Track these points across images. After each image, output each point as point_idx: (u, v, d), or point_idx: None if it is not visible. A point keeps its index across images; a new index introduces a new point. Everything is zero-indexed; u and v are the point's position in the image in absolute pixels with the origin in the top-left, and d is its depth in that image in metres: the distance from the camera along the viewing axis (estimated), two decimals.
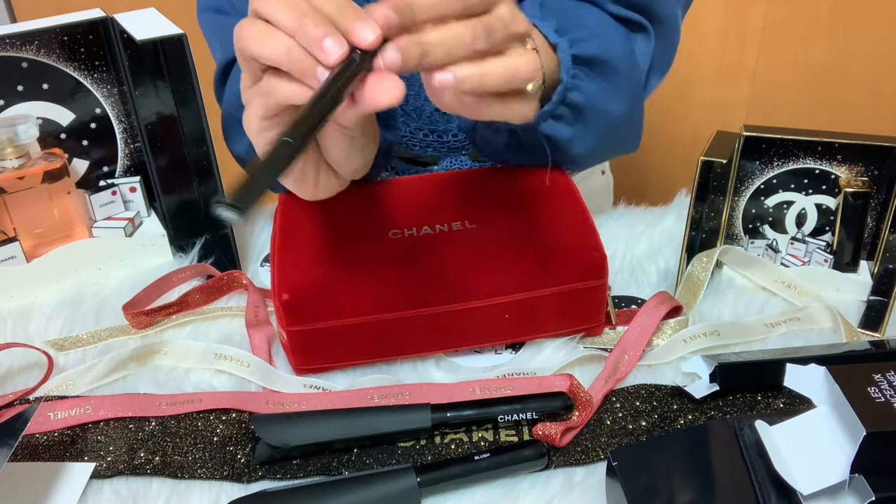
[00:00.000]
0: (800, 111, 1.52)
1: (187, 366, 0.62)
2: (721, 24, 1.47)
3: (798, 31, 1.46)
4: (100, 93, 0.72)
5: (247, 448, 0.54)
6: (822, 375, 0.43)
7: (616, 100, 0.62)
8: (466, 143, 0.77)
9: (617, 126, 0.64)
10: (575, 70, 0.58)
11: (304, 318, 0.58)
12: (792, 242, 0.70)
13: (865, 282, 0.67)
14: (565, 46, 0.58)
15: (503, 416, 0.54)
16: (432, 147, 0.77)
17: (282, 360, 0.62)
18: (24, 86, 0.69)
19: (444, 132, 0.76)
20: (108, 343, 0.65)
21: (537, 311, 0.60)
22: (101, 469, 0.53)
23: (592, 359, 0.61)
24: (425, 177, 0.70)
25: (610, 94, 0.61)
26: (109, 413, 0.57)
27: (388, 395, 0.58)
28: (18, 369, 0.63)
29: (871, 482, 0.38)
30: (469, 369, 0.61)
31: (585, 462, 0.53)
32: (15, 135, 0.68)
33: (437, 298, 0.58)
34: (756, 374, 0.57)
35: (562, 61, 0.57)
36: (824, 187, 0.67)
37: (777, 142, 0.66)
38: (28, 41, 0.68)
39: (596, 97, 0.60)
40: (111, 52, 0.71)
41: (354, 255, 0.60)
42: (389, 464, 0.53)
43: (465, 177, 0.69)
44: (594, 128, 0.62)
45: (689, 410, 0.56)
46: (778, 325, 0.64)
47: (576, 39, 0.58)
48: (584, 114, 0.60)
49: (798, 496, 0.40)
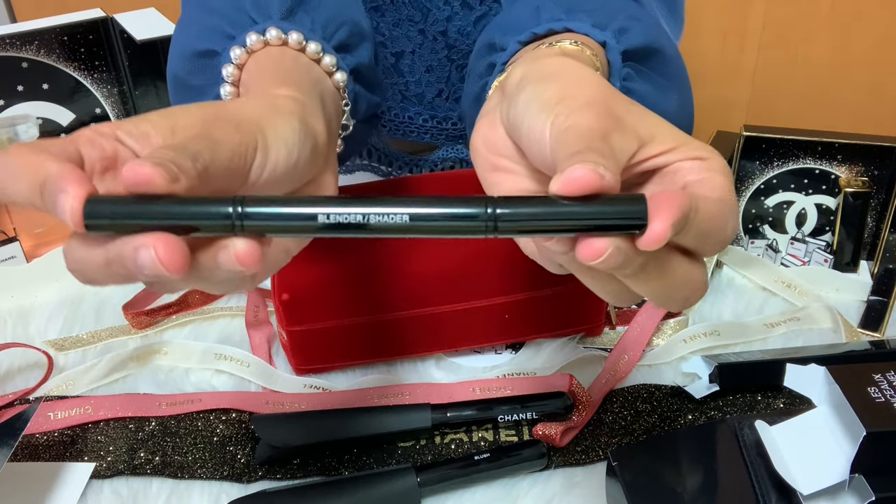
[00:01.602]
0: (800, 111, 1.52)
1: (187, 366, 0.62)
2: (721, 24, 1.47)
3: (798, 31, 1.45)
4: (100, 93, 0.72)
5: (247, 448, 0.54)
6: (822, 375, 0.43)
7: (669, 91, 0.53)
8: (465, 131, 0.77)
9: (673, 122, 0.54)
10: (626, 69, 0.49)
11: (304, 318, 0.58)
12: (792, 242, 0.70)
13: (865, 282, 0.67)
14: (613, 44, 0.48)
15: (503, 416, 0.54)
16: (430, 134, 0.77)
17: (282, 360, 0.62)
18: (24, 86, 0.69)
19: (444, 119, 0.75)
20: (108, 343, 0.65)
21: (537, 311, 0.60)
22: (101, 469, 0.53)
23: (592, 359, 0.61)
24: (426, 176, 0.70)
25: (664, 88, 0.52)
26: (109, 413, 0.57)
27: (388, 395, 0.58)
28: (18, 369, 0.63)
29: (871, 482, 0.38)
30: (469, 369, 0.61)
31: (585, 462, 0.53)
32: (15, 135, 0.68)
33: (437, 298, 0.58)
34: (756, 374, 0.57)
35: (612, 64, 0.48)
36: (824, 187, 0.67)
37: (777, 142, 0.66)
38: (28, 41, 0.68)
39: (650, 97, 0.51)
40: (111, 52, 0.71)
41: (354, 255, 0.60)
42: (389, 464, 0.53)
43: (466, 176, 0.69)
44: None
45: (689, 410, 0.56)
46: (778, 325, 0.64)
47: (620, 31, 0.48)
48: None
49: (798, 496, 0.40)
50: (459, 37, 0.69)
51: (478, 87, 0.51)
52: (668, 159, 0.34)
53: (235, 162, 0.34)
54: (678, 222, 0.29)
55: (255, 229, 0.30)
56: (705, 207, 0.31)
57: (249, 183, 0.35)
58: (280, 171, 0.36)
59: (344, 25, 0.49)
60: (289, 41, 0.46)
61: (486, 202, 0.29)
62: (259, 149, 0.35)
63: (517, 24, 0.49)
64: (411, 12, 0.68)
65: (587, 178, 0.29)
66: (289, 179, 0.38)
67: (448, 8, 0.67)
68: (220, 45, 0.47)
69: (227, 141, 0.34)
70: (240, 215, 0.30)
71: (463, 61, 0.72)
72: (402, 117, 0.76)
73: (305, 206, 0.30)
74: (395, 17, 0.69)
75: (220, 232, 0.30)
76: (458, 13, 0.67)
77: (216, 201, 0.30)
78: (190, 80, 0.50)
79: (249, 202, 0.30)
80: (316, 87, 0.45)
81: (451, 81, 0.73)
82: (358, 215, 0.30)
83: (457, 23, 0.68)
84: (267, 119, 0.37)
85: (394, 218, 0.30)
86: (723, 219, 0.32)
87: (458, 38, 0.69)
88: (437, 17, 0.68)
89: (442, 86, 0.73)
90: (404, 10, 0.68)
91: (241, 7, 0.47)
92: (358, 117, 0.52)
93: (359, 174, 0.83)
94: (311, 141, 0.39)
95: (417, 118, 0.75)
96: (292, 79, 0.44)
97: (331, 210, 0.30)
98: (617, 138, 0.33)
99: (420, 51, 0.71)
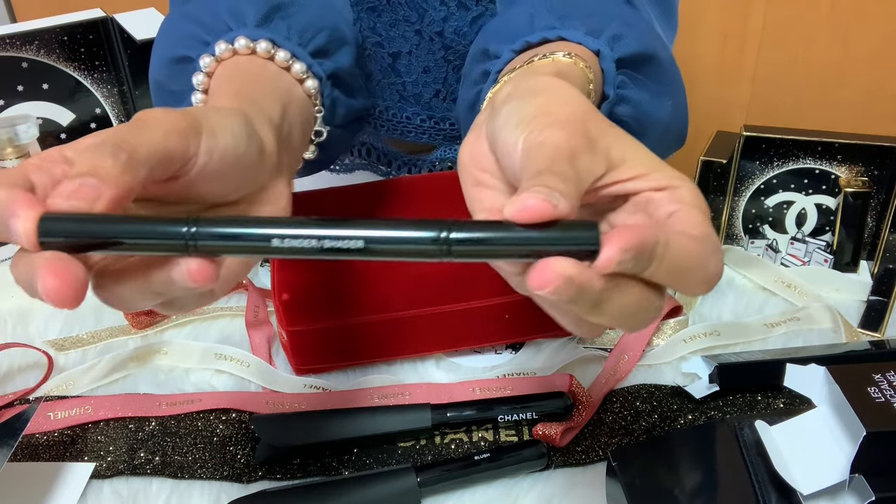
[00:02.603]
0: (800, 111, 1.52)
1: (187, 366, 0.62)
2: (721, 24, 1.47)
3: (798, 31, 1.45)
4: (100, 93, 0.72)
5: (247, 448, 0.54)
6: (822, 375, 0.43)
7: (664, 97, 0.52)
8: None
9: (667, 128, 0.55)
10: (620, 77, 0.48)
11: (304, 318, 0.58)
12: (792, 242, 0.70)
13: (865, 282, 0.67)
14: (608, 52, 0.47)
15: (503, 416, 0.54)
16: (428, 134, 0.77)
17: (282, 360, 0.62)
18: (24, 86, 0.69)
19: (442, 119, 0.75)
20: (108, 343, 0.65)
21: (537, 311, 0.60)
22: (101, 469, 0.53)
23: (592, 359, 0.61)
24: (426, 176, 0.70)
25: (658, 94, 0.52)
26: (109, 413, 0.57)
27: (388, 395, 0.58)
28: (18, 369, 0.63)
29: (871, 482, 0.38)
30: (469, 369, 0.61)
31: (585, 462, 0.53)
32: (15, 135, 0.68)
33: (437, 298, 0.58)
34: (756, 374, 0.57)
35: (605, 72, 0.47)
36: (824, 187, 0.67)
37: (777, 142, 0.66)
38: (28, 41, 0.68)
39: (644, 104, 0.50)
40: (111, 52, 0.71)
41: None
42: (389, 464, 0.53)
43: None
44: (641, 138, 0.52)
45: (689, 410, 0.56)
46: (778, 325, 0.64)
47: (614, 38, 0.48)
48: (630, 126, 0.50)
49: (798, 496, 0.40)
50: (456, 37, 0.69)
51: (472, 94, 0.51)
52: (636, 186, 0.34)
53: (172, 139, 0.33)
54: (632, 250, 0.29)
55: (208, 250, 0.30)
56: (680, 243, 0.31)
57: (198, 166, 0.35)
58: (229, 159, 0.36)
59: (323, 31, 0.49)
60: (257, 50, 0.46)
61: (440, 226, 0.29)
62: (205, 132, 0.35)
63: (511, 30, 0.48)
64: (408, 13, 0.68)
65: (539, 207, 0.29)
66: (238, 176, 0.37)
67: (444, 8, 0.67)
68: (195, 51, 0.47)
69: (162, 117, 0.33)
70: (193, 235, 0.30)
71: (460, 62, 0.72)
72: (399, 117, 0.76)
73: (260, 227, 0.30)
74: (392, 18, 0.69)
75: (173, 252, 0.30)
76: (455, 13, 0.67)
77: (171, 221, 0.30)
78: (169, 84, 0.50)
79: (203, 223, 0.30)
80: (278, 97, 0.44)
81: (448, 82, 0.73)
82: (312, 239, 0.30)
83: (453, 23, 0.68)
84: (210, 111, 0.37)
85: (348, 243, 0.30)
86: (702, 257, 0.31)
87: (454, 38, 0.69)
88: (434, 17, 0.68)
89: (439, 86, 0.73)
90: (401, 11, 0.68)
91: (217, 14, 0.48)
92: (336, 123, 0.52)
93: (358, 173, 0.83)
94: (256, 142, 0.38)
95: (415, 118, 0.75)
96: (250, 89, 0.44)
97: (286, 231, 0.30)
98: (585, 159, 0.33)
99: (417, 51, 0.71)
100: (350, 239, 0.30)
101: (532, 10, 0.49)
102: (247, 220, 0.30)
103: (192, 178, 0.35)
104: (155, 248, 0.30)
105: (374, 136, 0.79)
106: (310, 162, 0.52)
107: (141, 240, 0.30)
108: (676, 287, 0.32)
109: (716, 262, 0.32)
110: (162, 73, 0.49)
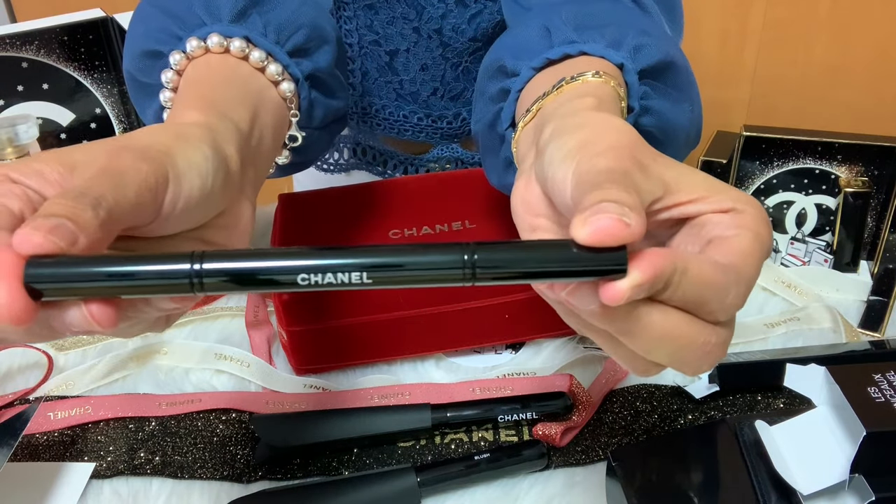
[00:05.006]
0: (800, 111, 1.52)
1: (187, 366, 0.62)
2: (721, 24, 1.47)
3: (798, 31, 1.45)
4: (100, 93, 0.72)
5: (247, 448, 0.54)
6: (822, 375, 0.43)
7: (684, 103, 0.51)
8: (459, 130, 0.77)
9: (688, 133, 0.53)
10: (643, 87, 0.47)
11: (304, 318, 0.58)
12: (792, 242, 0.70)
13: (865, 282, 0.67)
14: (630, 65, 0.45)
15: (503, 416, 0.54)
16: (425, 133, 0.76)
17: (282, 360, 0.62)
18: (24, 86, 0.69)
19: (439, 118, 0.75)
20: (108, 343, 0.65)
21: (537, 311, 0.60)
22: (101, 469, 0.53)
23: (592, 359, 0.61)
24: (425, 176, 0.70)
25: (678, 100, 0.50)
26: (109, 413, 0.57)
27: (388, 395, 0.58)
28: (18, 369, 0.63)
29: (871, 482, 0.38)
30: (469, 369, 0.61)
31: (585, 462, 0.53)
32: (15, 135, 0.68)
33: (437, 298, 0.58)
34: (756, 374, 0.57)
35: (629, 85, 0.45)
36: (824, 187, 0.67)
37: (777, 142, 0.66)
38: (28, 41, 0.68)
39: (667, 112, 0.49)
40: (111, 52, 0.71)
41: None
42: (389, 464, 0.53)
43: (466, 177, 0.69)
44: (665, 147, 0.50)
45: (689, 410, 0.56)
46: (778, 325, 0.64)
47: (635, 49, 0.46)
48: (654, 136, 0.49)
49: (798, 496, 0.40)
50: (454, 35, 0.69)
51: (491, 112, 0.49)
52: (698, 208, 0.32)
53: (144, 196, 0.33)
54: (655, 278, 0.28)
55: (213, 287, 0.29)
56: (699, 270, 0.29)
57: (162, 216, 0.34)
58: (194, 202, 0.35)
59: (302, 28, 0.47)
60: (231, 49, 0.44)
61: (463, 249, 0.29)
62: (171, 179, 0.34)
63: (528, 46, 0.47)
64: (405, 10, 0.68)
65: (612, 228, 0.28)
66: (203, 210, 0.37)
67: (442, 5, 0.67)
68: (167, 46, 0.45)
69: (134, 173, 0.33)
70: (199, 272, 0.29)
71: (457, 59, 0.71)
72: (396, 115, 0.76)
73: (275, 260, 0.29)
74: (390, 15, 0.69)
75: (175, 292, 0.29)
76: (453, 11, 0.67)
77: (169, 258, 0.29)
78: (140, 77, 0.48)
79: (209, 258, 0.29)
80: (250, 102, 0.43)
81: (446, 80, 0.73)
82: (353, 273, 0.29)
83: (451, 20, 0.68)
84: (176, 147, 0.35)
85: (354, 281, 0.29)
86: (722, 287, 0.30)
87: (452, 35, 0.69)
88: (432, 14, 0.68)
89: (437, 84, 0.73)
90: (398, 8, 0.68)
91: (191, 7, 0.46)
92: (314, 124, 0.50)
93: (354, 173, 0.83)
94: (223, 169, 0.37)
95: (412, 116, 0.75)
96: (219, 95, 0.42)
97: (305, 263, 0.29)
98: (640, 178, 0.31)
99: (415, 49, 0.70)
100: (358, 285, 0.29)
101: (547, 22, 0.47)
102: (254, 252, 0.29)
103: (155, 224, 0.34)
104: (147, 291, 0.29)
105: (370, 135, 0.79)
106: (286, 164, 0.51)
107: (135, 282, 0.29)
108: (694, 311, 0.31)
109: (737, 292, 0.31)
110: (133, 64, 0.47)
